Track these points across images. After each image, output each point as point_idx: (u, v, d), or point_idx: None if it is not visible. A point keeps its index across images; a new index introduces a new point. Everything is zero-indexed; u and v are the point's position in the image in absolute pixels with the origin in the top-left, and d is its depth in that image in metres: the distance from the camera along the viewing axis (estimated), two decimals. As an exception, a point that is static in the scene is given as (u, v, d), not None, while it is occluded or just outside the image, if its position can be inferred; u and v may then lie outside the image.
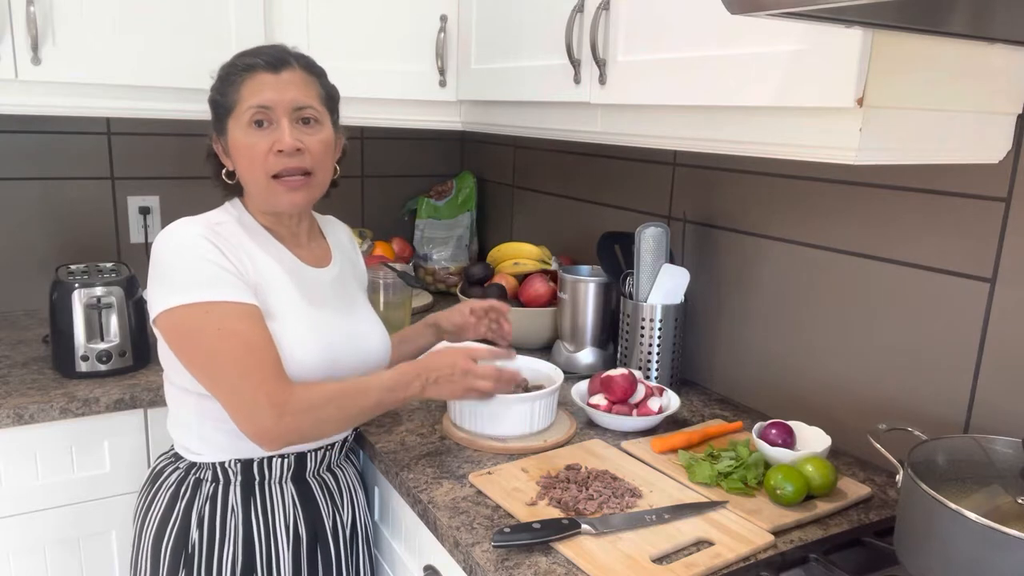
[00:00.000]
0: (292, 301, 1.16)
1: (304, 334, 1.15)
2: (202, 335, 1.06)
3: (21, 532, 1.46)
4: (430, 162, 2.50)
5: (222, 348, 1.05)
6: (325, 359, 1.16)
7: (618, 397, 1.38)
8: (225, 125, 1.16)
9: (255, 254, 1.16)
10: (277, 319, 1.13)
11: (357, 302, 1.32)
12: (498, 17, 1.59)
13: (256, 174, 1.15)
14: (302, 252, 1.24)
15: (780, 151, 1.02)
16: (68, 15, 1.53)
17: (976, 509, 0.81)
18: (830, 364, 1.37)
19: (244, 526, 1.17)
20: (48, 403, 1.43)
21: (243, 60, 1.15)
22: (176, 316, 1.06)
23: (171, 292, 1.07)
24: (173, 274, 1.08)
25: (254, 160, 1.14)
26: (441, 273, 2.34)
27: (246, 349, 1.05)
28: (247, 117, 1.13)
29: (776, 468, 1.12)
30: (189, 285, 1.06)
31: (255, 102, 1.12)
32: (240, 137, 1.14)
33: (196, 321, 1.06)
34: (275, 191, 1.15)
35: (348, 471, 1.31)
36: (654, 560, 0.97)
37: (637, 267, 1.57)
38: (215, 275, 1.08)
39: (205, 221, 1.15)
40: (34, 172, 1.94)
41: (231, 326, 1.06)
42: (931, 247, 1.20)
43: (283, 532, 1.19)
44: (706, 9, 1.07)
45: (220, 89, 1.17)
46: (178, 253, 1.09)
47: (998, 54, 0.99)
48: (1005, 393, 1.12)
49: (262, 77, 1.13)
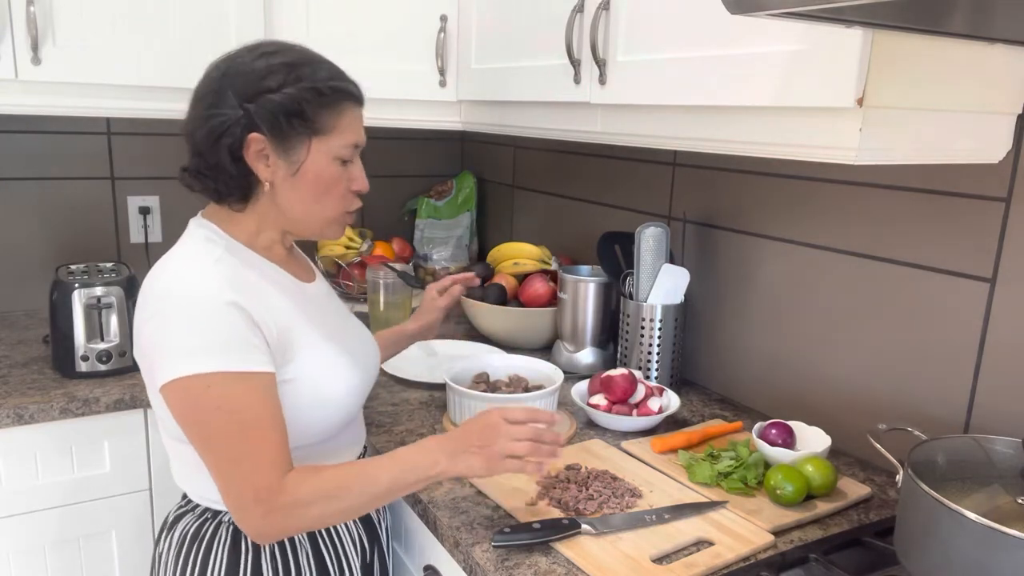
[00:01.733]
0: (308, 334, 1.06)
1: (330, 363, 1.07)
2: (199, 412, 0.95)
3: (21, 532, 1.46)
4: (430, 162, 2.50)
5: (217, 429, 0.95)
6: (354, 379, 1.10)
7: (618, 397, 1.38)
8: (302, 142, 1.02)
9: (270, 296, 1.04)
10: (304, 358, 1.04)
11: (345, 310, 1.25)
12: (498, 17, 1.60)
13: (328, 207, 1.07)
14: (295, 269, 1.15)
15: (780, 151, 1.02)
16: (68, 15, 1.53)
17: (976, 509, 0.81)
18: (830, 364, 1.37)
19: (316, 559, 1.09)
20: (48, 403, 1.43)
21: (342, 84, 1.05)
22: (179, 386, 0.95)
23: (176, 358, 0.95)
24: (180, 338, 0.95)
25: (332, 194, 1.06)
26: (441, 273, 2.34)
27: (241, 432, 0.94)
28: (341, 152, 1.05)
29: (776, 468, 1.12)
30: (197, 353, 0.94)
31: (355, 140, 1.06)
32: (324, 166, 1.04)
33: (196, 395, 0.94)
34: (339, 223, 1.11)
35: None
36: (654, 560, 0.97)
37: (637, 267, 1.57)
38: (229, 342, 0.95)
39: (215, 267, 1.00)
40: (34, 172, 1.94)
41: (231, 404, 0.94)
42: (931, 247, 1.20)
43: (351, 549, 1.13)
44: (706, 9, 1.07)
45: (311, 103, 1.02)
46: (190, 315, 0.96)
47: (998, 54, 0.99)
48: (1005, 393, 1.12)
49: (358, 112, 1.08)
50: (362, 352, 1.17)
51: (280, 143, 1.02)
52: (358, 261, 2.12)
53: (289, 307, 1.06)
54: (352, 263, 2.13)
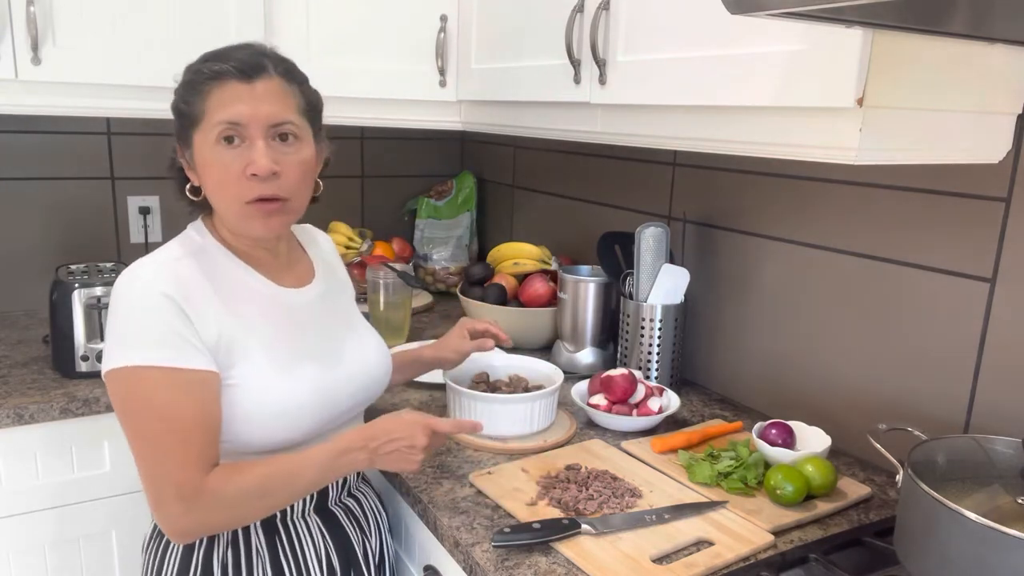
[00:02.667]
0: (266, 342, 1.05)
1: (282, 376, 1.04)
2: (129, 404, 0.97)
3: (21, 532, 1.46)
4: (430, 162, 2.50)
5: (144, 423, 0.96)
6: (313, 397, 1.07)
7: (618, 397, 1.38)
8: (190, 137, 1.02)
9: (224, 296, 1.03)
10: (250, 364, 1.02)
11: (349, 317, 1.22)
12: (498, 17, 1.60)
13: (227, 198, 1.02)
14: (283, 274, 1.12)
15: (780, 151, 1.02)
16: (68, 15, 1.53)
17: (976, 509, 0.81)
18: (830, 364, 1.37)
19: (273, 567, 1.07)
20: (48, 403, 1.43)
21: (211, 65, 1.00)
22: (119, 377, 0.96)
23: (119, 348, 0.97)
24: (126, 330, 0.97)
25: (224, 183, 1.01)
26: (441, 273, 2.34)
27: (167, 428, 0.95)
28: (215, 133, 0.99)
29: (776, 468, 1.12)
30: (132, 345, 0.96)
31: (224, 117, 0.98)
32: (208, 155, 1.01)
33: (134, 386, 0.96)
34: (249, 215, 1.02)
35: (369, 494, 1.23)
36: (654, 560, 0.98)
37: (637, 267, 1.57)
38: (167, 338, 0.96)
39: (168, 264, 1.02)
40: (34, 172, 1.94)
41: (160, 398, 0.95)
42: (931, 247, 1.20)
43: (315, 567, 1.10)
44: (706, 9, 1.07)
45: (184, 96, 1.02)
46: (135, 307, 0.98)
47: (998, 54, 0.99)
48: (1005, 393, 1.12)
49: (233, 87, 0.99)
50: (347, 367, 1.13)
51: (182, 144, 1.05)
52: (358, 261, 2.12)
53: (247, 312, 1.05)
54: (352, 263, 2.13)
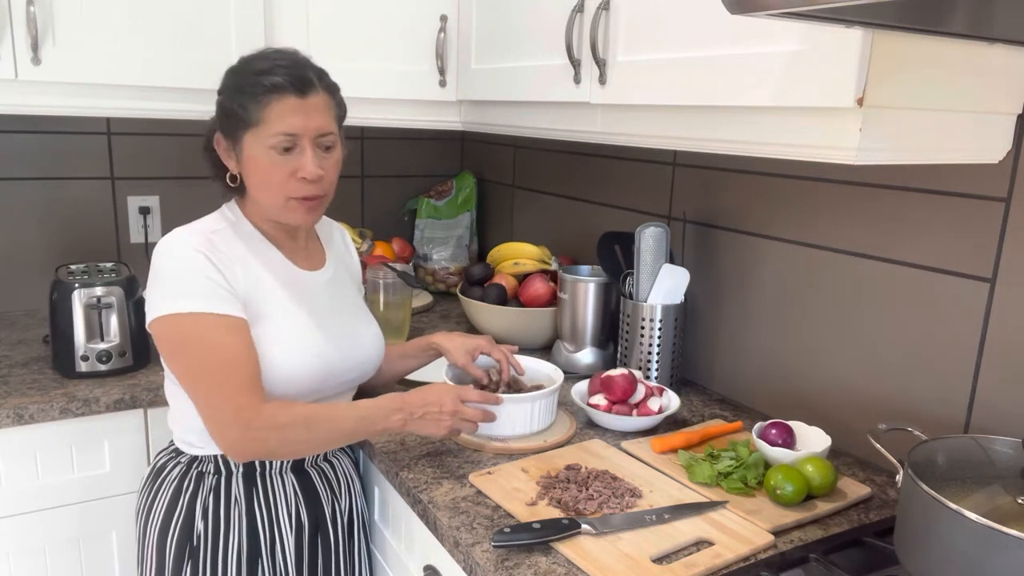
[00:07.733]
0: (283, 307, 1.19)
1: (294, 339, 1.18)
2: (187, 345, 1.10)
3: (21, 532, 1.47)
4: (430, 162, 2.50)
5: (203, 359, 1.09)
6: (315, 361, 1.19)
7: (618, 397, 1.37)
8: (240, 135, 1.15)
9: (249, 263, 1.18)
10: (267, 324, 1.16)
11: (352, 303, 1.34)
12: (498, 17, 1.60)
13: (273, 192, 1.16)
14: (298, 256, 1.26)
15: (780, 151, 1.02)
16: (68, 15, 1.53)
17: (976, 509, 0.81)
18: (830, 364, 1.37)
19: (248, 516, 1.20)
20: (48, 403, 1.43)
21: (268, 78, 1.11)
22: (167, 323, 1.10)
23: (164, 299, 1.10)
24: (168, 283, 1.11)
25: (273, 181, 1.15)
26: (441, 273, 2.34)
27: (224, 362, 1.09)
28: (273, 142, 1.12)
29: (776, 468, 1.12)
30: (182, 295, 1.10)
31: (284, 129, 1.11)
32: (261, 157, 1.14)
33: (183, 330, 1.10)
34: (293, 208, 1.17)
35: (344, 461, 1.34)
36: (654, 560, 0.97)
37: (637, 267, 1.57)
38: (206, 288, 1.11)
39: (202, 231, 1.16)
40: (34, 172, 1.94)
41: (215, 338, 1.09)
42: (931, 247, 1.20)
43: (286, 521, 1.23)
44: (706, 9, 1.07)
45: (240, 102, 1.13)
46: (174, 263, 1.12)
47: (998, 54, 0.99)
48: (1005, 393, 1.12)
49: (290, 101, 1.11)
50: (346, 343, 1.26)
51: (229, 139, 1.17)
52: (358, 261, 2.12)
53: (268, 279, 1.19)
54: (352, 263, 2.13)
